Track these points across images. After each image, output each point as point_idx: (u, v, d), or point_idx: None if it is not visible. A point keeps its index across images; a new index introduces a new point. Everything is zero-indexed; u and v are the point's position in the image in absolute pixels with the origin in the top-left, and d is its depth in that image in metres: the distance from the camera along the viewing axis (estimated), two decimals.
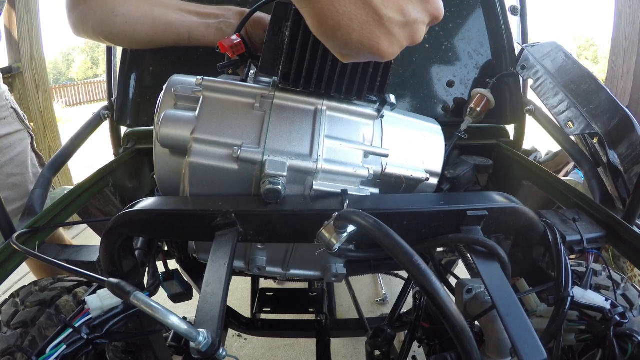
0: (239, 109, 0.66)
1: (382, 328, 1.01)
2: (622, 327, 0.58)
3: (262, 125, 0.65)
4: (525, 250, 0.69)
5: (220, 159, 0.63)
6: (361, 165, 0.66)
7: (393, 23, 0.41)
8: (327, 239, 0.50)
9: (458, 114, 1.17)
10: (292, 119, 0.66)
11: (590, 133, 0.90)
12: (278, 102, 0.67)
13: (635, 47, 2.09)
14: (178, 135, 0.64)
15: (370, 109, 0.70)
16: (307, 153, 0.64)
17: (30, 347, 0.76)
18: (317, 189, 0.64)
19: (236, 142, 0.64)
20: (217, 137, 0.64)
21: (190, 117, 0.66)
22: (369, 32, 0.41)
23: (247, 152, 0.62)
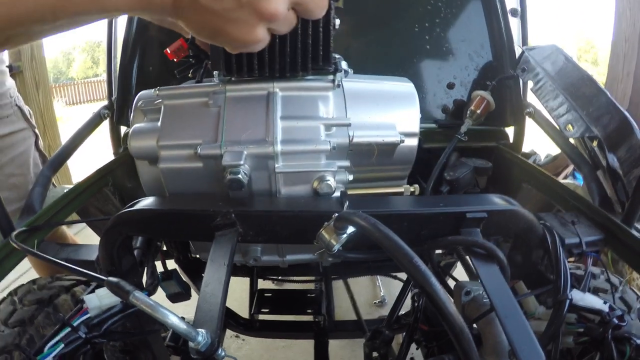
0: (196, 109, 0.69)
1: (380, 330, 1.01)
2: (620, 330, 0.58)
3: (218, 121, 0.67)
4: (524, 253, 0.69)
5: (186, 160, 0.66)
6: (322, 139, 0.66)
7: (230, 11, 0.42)
8: (326, 240, 0.50)
9: (458, 116, 1.17)
10: (245, 108, 0.67)
11: (590, 136, 0.90)
12: (230, 95, 0.68)
13: (635, 50, 2.09)
14: (146, 146, 0.68)
15: (323, 82, 0.69)
16: (262, 138, 0.65)
17: (28, 346, 0.76)
18: (281, 171, 0.65)
19: (197, 141, 0.66)
20: (179, 140, 0.67)
21: (155, 127, 0.69)
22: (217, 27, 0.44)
23: (206, 149, 0.64)
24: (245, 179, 0.61)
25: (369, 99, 0.73)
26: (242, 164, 0.62)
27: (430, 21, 1.18)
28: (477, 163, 1.06)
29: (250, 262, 0.80)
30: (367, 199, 0.69)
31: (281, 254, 0.82)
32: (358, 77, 0.75)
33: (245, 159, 0.62)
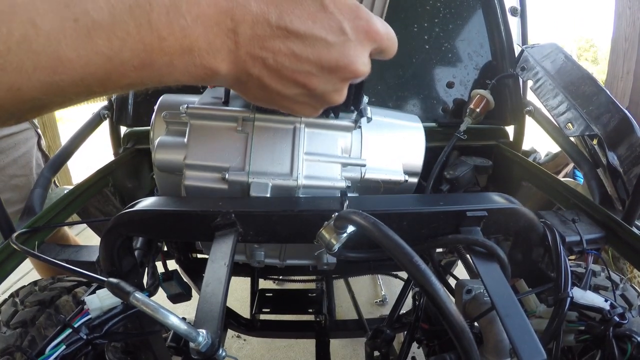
0: (224, 133, 0.71)
1: (382, 329, 1.01)
2: (621, 328, 0.58)
3: (245, 147, 0.70)
4: (525, 251, 0.69)
5: (212, 182, 0.69)
6: (339, 178, 0.70)
7: (299, 96, 0.42)
8: (327, 239, 0.50)
9: (458, 115, 1.17)
10: (272, 139, 0.70)
11: (590, 134, 0.90)
12: (259, 124, 0.70)
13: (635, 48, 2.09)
14: (172, 160, 0.71)
15: (347, 121, 0.72)
16: (287, 172, 0.69)
17: (29, 347, 0.76)
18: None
19: (224, 164, 0.69)
20: (206, 162, 0.69)
21: (181, 143, 0.71)
22: (281, 105, 0.43)
23: (234, 176, 0.68)
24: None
25: (382, 140, 0.78)
26: (267, 196, 0.66)
27: (430, 21, 1.18)
28: (477, 162, 1.06)
29: (255, 265, 0.83)
30: (367, 198, 0.69)
31: (282, 259, 0.85)
32: (373, 113, 0.78)
33: (270, 190, 0.67)
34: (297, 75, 0.39)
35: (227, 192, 0.69)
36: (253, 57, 0.37)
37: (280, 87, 0.40)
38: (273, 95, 0.41)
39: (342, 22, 0.38)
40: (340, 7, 0.38)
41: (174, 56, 0.33)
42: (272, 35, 0.36)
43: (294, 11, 0.36)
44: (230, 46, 0.35)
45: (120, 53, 0.31)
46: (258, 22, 0.35)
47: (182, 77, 0.36)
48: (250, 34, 0.36)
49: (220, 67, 0.36)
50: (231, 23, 0.35)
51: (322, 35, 0.37)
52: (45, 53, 0.28)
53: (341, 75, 0.41)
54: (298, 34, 0.37)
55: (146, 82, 0.35)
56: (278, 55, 0.37)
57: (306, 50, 0.37)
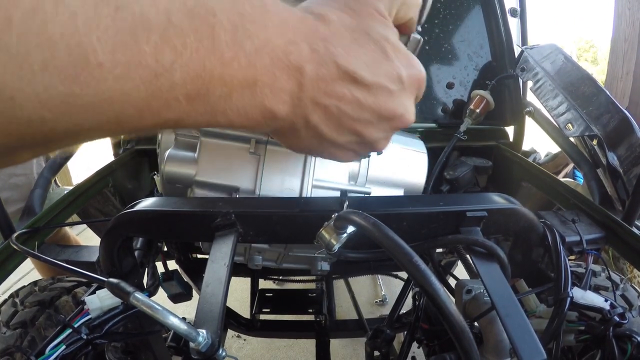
0: (235, 154, 0.71)
1: (382, 329, 1.01)
2: (621, 328, 0.58)
3: (257, 169, 0.70)
4: (525, 251, 0.69)
5: None
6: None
7: (350, 143, 0.39)
8: (327, 240, 0.50)
9: (457, 116, 1.17)
10: (284, 164, 0.71)
11: (590, 135, 0.90)
12: (271, 148, 0.71)
13: (634, 49, 2.09)
14: (181, 174, 0.71)
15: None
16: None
17: (29, 347, 0.76)
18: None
19: (234, 184, 0.69)
20: (216, 181, 0.70)
21: (191, 158, 0.71)
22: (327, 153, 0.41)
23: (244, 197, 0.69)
24: None
25: (387, 169, 0.80)
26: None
27: (429, 22, 1.18)
28: (477, 162, 1.06)
29: (252, 267, 0.85)
30: (367, 198, 0.69)
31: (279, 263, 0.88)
32: None
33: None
34: (357, 124, 0.36)
35: None
36: (315, 103, 0.33)
37: (335, 136, 0.37)
38: (324, 144, 0.38)
39: (400, 70, 0.36)
40: (398, 54, 0.36)
41: (234, 89, 0.28)
42: (338, 79, 0.33)
43: (359, 55, 0.33)
44: (294, 87, 0.31)
45: (171, 71, 0.24)
46: (325, 63, 0.32)
47: (235, 118, 0.30)
48: (316, 75, 0.32)
49: (281, 110, 0.32)
50: (299, 59, 0.30)
51: (385, 83, 0.35)
52: (65, 44, 0.19)
53: (395, 124, 0.39)
54: (363, 81, 0.34)
55: (192, 119, 0.28)
56: (342, 102, 0.34)
57: (370, 98, 0.35)
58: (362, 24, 0.34)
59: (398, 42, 0.37)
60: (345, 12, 0.34)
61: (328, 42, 0.32)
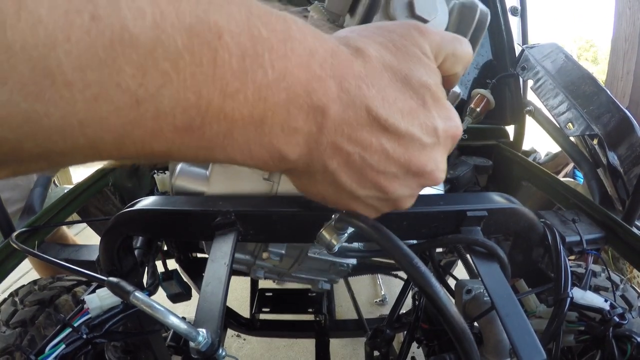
0: (248, 177, 0.68)
1: (381, 329, 1.01)
2: (621, 328, 0.58)
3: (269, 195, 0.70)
4: (525, 251, 0.69)
5: None
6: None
7: (371, 199, 0.35)
8: (327, 240, 0.49)
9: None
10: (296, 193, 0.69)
11: (590, 134, 0.90)
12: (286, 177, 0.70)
13: (635, 48, 2.09)
14: (191, 190, 0.70)
15: None
16: None
17: (29, 346, 0.76)
18: (312, 256, 0.74)
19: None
20: None
21: (203, 174, 0.70)
22: (344, 205, 0.36)
23: None
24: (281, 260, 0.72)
25: None
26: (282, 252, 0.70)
27: None
28: (477, 161, 1.06)
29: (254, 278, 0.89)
30: None
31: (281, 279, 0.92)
32: None
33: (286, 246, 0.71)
34: (381, 177, 0.32)
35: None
36: (336, 148, 0.29)
37: (355, 188, 0.32)
38: (341, 195, 0.34)
39: (436, 122, 0.32)
40: (437, 105, 0.32)
41: (237, 125, 0.24)
42: (366, 125, 0.29)
43: (397, 102, 0.29)
44: (312, 129, 0.27)
45: (157, 97, 0.20)
46: (354, 105, 0.28)
47: (237, 156, 0.26)
48: (341, 118, 0.28)
49: (292, 152, 0.28)
50: (322, 98, 0.26)
51: (419, 135, 0.31)
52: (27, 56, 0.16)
53: (423, 181, 0.35)
54: (396, 130, 0.30)
55: (184, 153, 0.24)
56: (367, 152, 0.30)
57: (399, 150, 0.31)
58: (405, 65, 0.30)
59: (440, 90, 0.33)
60: (388, 49, 0.30)
61: (362, 81, 0.28)
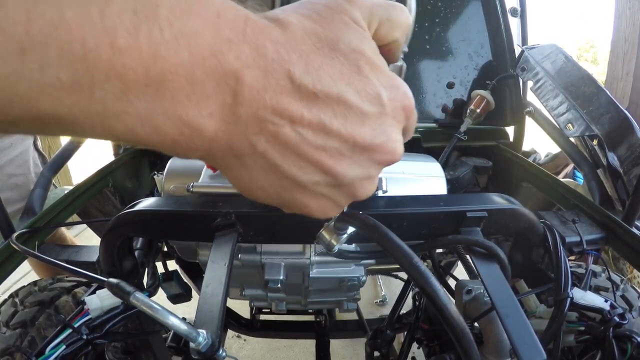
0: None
1: (382, 329, 1.01)
2: (621, 328, 0.58)
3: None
4: (525, 252, 0.69)
5: None
6: (352, 248, 0.69)
7: (319, 185, 0.30)
8: (327, 240, 0.50)
9: (458, 115, 1.17)
10: None
11: (590, 135, 0.90)
12: None
13: (635, 49, 2.09)
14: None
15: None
16: (300, 250, 0.71)
17: (29, 348, 0.76)
18: (315, 277, 0.72)
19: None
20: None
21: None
22: (291, 198, 0.31)
23: (246, 256, 0.69)
24: (283, 286, 0.69)
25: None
26: (281, 279, 0.69)
27: (430, 21, 1.18)
28: (477, 162, 1.06)
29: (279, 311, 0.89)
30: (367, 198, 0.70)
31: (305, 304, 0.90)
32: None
33: (283, 271, 0.69)
34: (322, 154, 0.28)
35: (242, 269, 0.71)
36: (260, 121, 0.25)
37: (295, 171, 0.28)
38: (282, 184, 0.29)
39: (378, 89, 0.28)
40: (375, 72, 0.28)
41: (132, 86, 0.21)
42: (291, 94, 0.25)
43: (323, 66, 0.26)
44: (226, 98, 0.24)
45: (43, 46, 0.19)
46: (273, 71, 0.24)
47: (137, 128, 0.23)
48: (259, 85, 0.24)
49: (207, 126, 0.24)
50: (234, 62, 0.23)
51: (357, 102, 0.27)
52: None
53: (376, 157, 0.30)
54: (328, 98, 0.26)
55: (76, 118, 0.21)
56: (298, 125, 0.26)
57: (337, 121, 0.27)
58: (330, 32, 0.27)
59: (377, 58, 0.29)
60: (310, 18, 0.27)
61: (281, 46, 0.25)
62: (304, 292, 0.78)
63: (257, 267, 0.70)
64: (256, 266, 0.70)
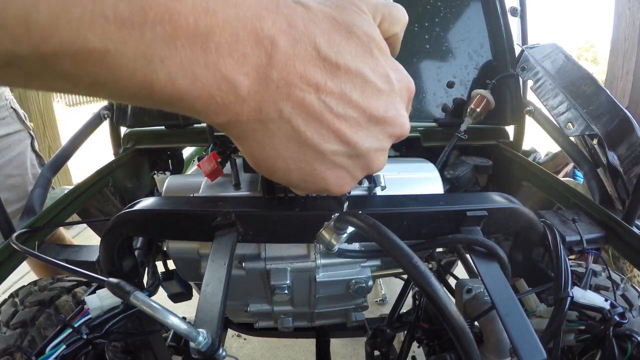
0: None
1: (382, 328, 1.01)
2: (622, 328, 0.58)
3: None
4: (525, 251, 0.69)
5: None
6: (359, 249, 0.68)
7: (338, 155, 0.32)
8: (327, 240, 0.50)
9: (458, 115, 1.17)
10: None
11: (590, 134, 0.90)
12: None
13: (634, 48, 2.09)
14: (185, 249, 0.71)
15: (360, 190, 0.71)
16: (305, 254, 0.69)
17: (29, 347, 0.76)
18: (321, 280, 0.70)
19: (239, 252, 0.69)
20: None
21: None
22: (310, 169, 0.32)
23: (250, 264, 0.68)
24: (290, 292, 0.67)
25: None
26: (287, 283, 0.67)
27: (430, 20, 1.18)
28: (477, 161, 1.06)
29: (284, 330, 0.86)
30: (367, 198, 0.69)
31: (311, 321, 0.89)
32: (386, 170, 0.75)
33: (289, 275, 0.68)
34: (343, 124, 0.30)
35: (246, 278, 0.70)
36: (289, 86, 0.27)
37: (317, 139, 0.30)
38: (303, 152, 0.31)
39: (387, 70, 0.32)
40: (384, 56, 0.32)
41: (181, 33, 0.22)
42: (317, 64, 0.28)
43: (342, 44, 0.29)
44: (261, 58, 0.26)
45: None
46: (302, 41, 0.27)
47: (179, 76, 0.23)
48: (291, 51, 0.26)
49: (242, 82, 0.25)
50: (271, 27, 0.25)
51: (372, 78, 0.30)
52: None
53: (389, 129, 0.33)
54: (348, 72, 0.29)
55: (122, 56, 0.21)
56: (322, 93, 0.28)
57: (356, 92, 0.30)
58: (347, 17, 0.30)
59: (384, 44, 0.33)
60: (328, 5, 0.30)
61: (307, 21, 0.27)
62: (310, 301, 0.77)
63: (262, 274, 0.69)
64: (261, 274, 0.69)
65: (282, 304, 0.79)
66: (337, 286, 0.73)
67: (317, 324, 0.89)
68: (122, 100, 0.26)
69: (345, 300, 0.80)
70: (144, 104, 0.26)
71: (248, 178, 0.74)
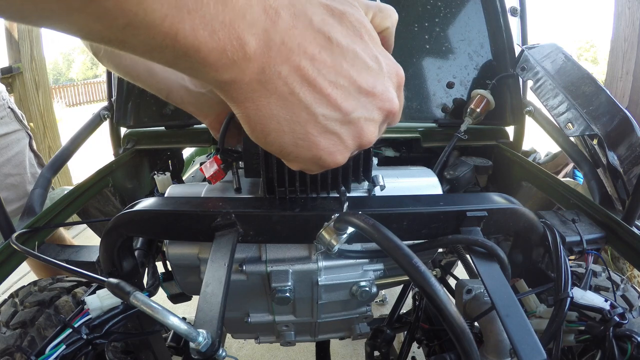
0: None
1: (382, 329, 1.01)
2: (622, 328, 0.58)
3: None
4: (525, 251, 0.69)
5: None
6: (359, 249, 0.68)
7: (330, 120, 0.35)
8: (327, 241, 0.50)
9: (458, 115, 1.17)
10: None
11: (590, 134, 0.90)
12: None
13: (634, 48, 2.09)
14: (185, 254, 0.69)
15: (360, 191, 0.71)
16: (306, 255, 0.68)
17: (29, 347, 0.76)
18: (323, 284, 0.69)
19: (240, 255, 0.68)
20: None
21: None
22: (303, 133, 0.35)
23: (251, 267, 0.67)
24: (292, 295, 0.66)
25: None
26: (289, 285, 0.66)
27: (430, 20, 1.18)
28: (477, 162, 1.06)
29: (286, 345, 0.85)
30: (367, 198, 0.69)
31: (314, 336, 0.87)
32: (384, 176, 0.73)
33: (291, 277, 0.67)
34: (334, 90, 0.33)
35: (247, 282, 0.69)
36: (288, 51, 0.31)
37: (310, 100, 0.33)
38: (297, 114, 0.34)
39: (376, 53, 0.35)
40: (374, 43, 0.36)
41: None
42: (312, 36, 0.32)
43: (335, 25, 0.33)
44: (268, 23, 0.30)
45: None
46: (301, 16, 0.31)
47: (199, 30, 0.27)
48: (291, 22, 0.31)
49: (250, 42, 0.29)
50: (276, 0, 0.30)
51: (362, 55, 0.34)
52: None
53: (377, 102, 0.36)
54: (339, 46, 0.33)
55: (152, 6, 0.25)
56: (316, 62, 0.32)
57: (346, 65, 0.33)
58: (340, 7, 0.33)
59: (375, 33, 0.36)
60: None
61: (305, 2, 0.31)
62: (313, 308, 0.76)
63: (263, 277, 0.68)
64: (262, 277, 0.68)
65: (284, 312, 0.77)
66: (340, 290, 0.72)
67: (320, 338, 0.87)
68: (144, 51, 0.28)
69: (349, 308, 0.79)
70: (162, 55, 0.29)
71: (249, 182, 0.73)
